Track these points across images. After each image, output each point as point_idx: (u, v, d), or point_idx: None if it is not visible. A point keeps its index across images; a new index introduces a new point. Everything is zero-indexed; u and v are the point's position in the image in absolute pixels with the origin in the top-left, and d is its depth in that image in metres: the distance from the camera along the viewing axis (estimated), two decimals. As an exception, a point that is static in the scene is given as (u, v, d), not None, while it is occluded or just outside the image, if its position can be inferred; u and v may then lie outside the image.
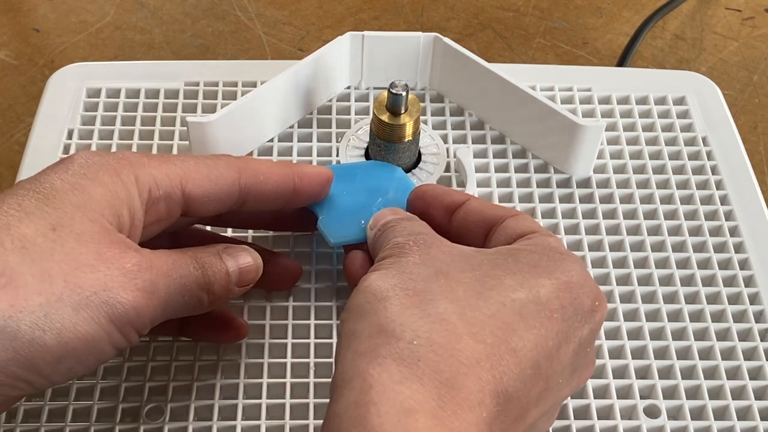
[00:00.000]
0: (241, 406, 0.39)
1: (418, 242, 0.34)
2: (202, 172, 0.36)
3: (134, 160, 0.35)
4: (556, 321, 0.31)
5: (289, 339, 0.42)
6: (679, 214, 0.47)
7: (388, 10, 0.76)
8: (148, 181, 0.35)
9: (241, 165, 0.37)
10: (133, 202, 0.34)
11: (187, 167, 0.36)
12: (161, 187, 0.35)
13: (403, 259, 0.33)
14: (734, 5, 0.78)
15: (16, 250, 0.30)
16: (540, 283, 0.32)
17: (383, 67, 0.51)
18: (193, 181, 0.36)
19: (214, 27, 0.74)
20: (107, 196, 0.33)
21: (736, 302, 0.44)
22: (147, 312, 0.33)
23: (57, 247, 0.31)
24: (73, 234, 0.31)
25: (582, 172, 0.48)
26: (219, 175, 0.37)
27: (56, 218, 0.32)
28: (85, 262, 0.31)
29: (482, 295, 0.31)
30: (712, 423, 0.39)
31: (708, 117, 0.52)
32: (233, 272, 0.37)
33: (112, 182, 0.34)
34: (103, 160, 0.34)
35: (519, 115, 0.49)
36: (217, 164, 0.37)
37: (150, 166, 0.35)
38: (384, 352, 0.29)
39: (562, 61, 0.72)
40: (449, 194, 0.39)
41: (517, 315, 0.31)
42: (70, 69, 0.53)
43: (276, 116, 0.49)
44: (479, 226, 0.37)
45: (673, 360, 0.42)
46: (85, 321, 0.31)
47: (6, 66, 0.70)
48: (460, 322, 0.30)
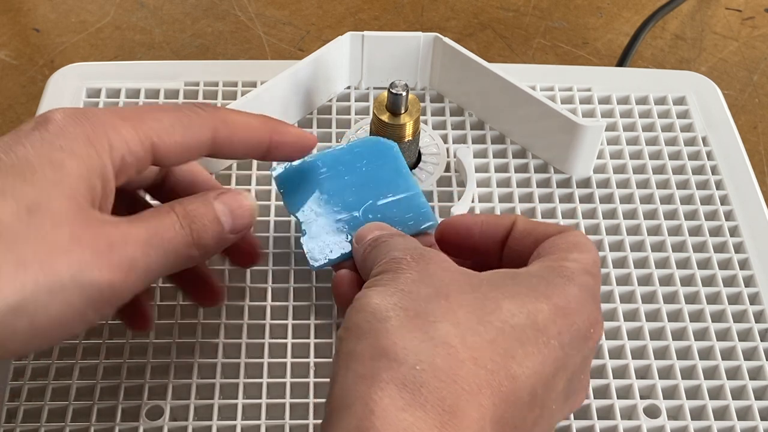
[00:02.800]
0: (240, 406, 0.39)
1: (415, 257, 0.33)
2: (176, 133, 0.35)
3: (108, 126, 0.33)
4: (553, 348, 0.31)
5: (289, 339, 0.42)
6: (679, 214, 0.47)
7: (388, 10, 0.76)
8: (121, 147, 0.33)
9: (218, 123, 0.36)
10: (106, 171, 0.33)
11: (161, 128, 0.34)
12: (133, 152, 0.34)
13: (401, 276, 0.32)
14: (734, 5, 0.78)
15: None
16: (538, 308, 0.31)
17: (383, 67, 0.51)
18: (166, 144, 0.35)
19: (214, 27, 0.74)
20: (82, 170, 0.32)
21: (736, 302, 0.44)
22: (125, 287, 0.32)
23: (32, 231, 0.30)
24: (48, 215, 0.31)
25: (582, 172, 0.48)
26: (192, 135, 0.35)
27: (32, 198, 0.31)
28: (60, 245, 0.31)
29: (482, 320, 0.30)
30: (712, 423, 0.39)
31: (708, 117, 0.52)
32: (225, 220, 0.36)
33: (87, 154, 0.32)
34: (78, 129, 0.33)
35: (519, 115, 0.49)
36: (192, 123, 0.35)
37: (124, 130, 0.34)
38: (386, 376, 0.28)
39: (562, 61, 0.72)
40: (498, 224, 0.37)
41: (517, 341, 0.30)
42: (70, 69, 0.53)
43: (276, 116, 0.49)
44: (533, 248, 0.36)
45: (673, 360, 0.42)
46: (59, 304, 0.31)
47: (6, 66, 0.70)
48: (462, 346, 0.30)
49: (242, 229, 0.37)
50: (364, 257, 0.36)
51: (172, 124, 0.35)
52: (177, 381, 0.40)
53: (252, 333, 0.42)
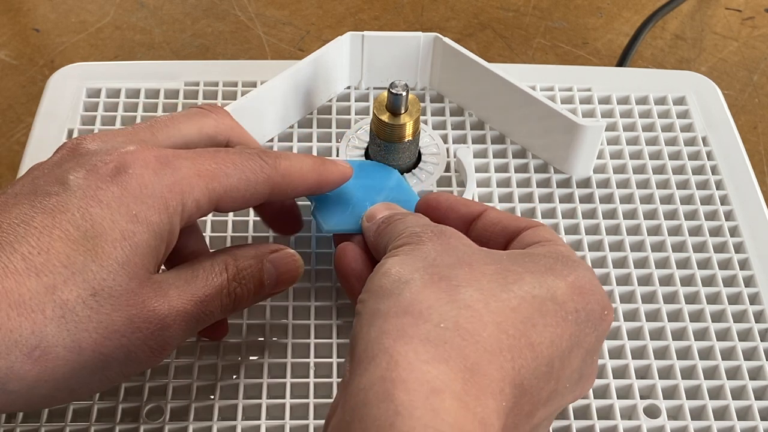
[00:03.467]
0: (241, 406, 0.39)
1: (436, 232, 0.34)
2: (240, 190, 0.35)
3: (185, 185, 0.34)
4: (570, 323, 0.31)
5: (289, 339, 0.42)
6: (679, 214, 0.47)
7: (388, 10, 0.76)
8: (192, 208, 0.34)
9: (277, 178, 0.36)
10: (174, 233, 0.34)
11: (228, 185, 0.35)
12: (200, 210, 0.35)
13: (423, 247, 0.33)
14: (734, 5, 0.78)
15: (56, 319, 0.30)
16: (556, 284, 0.32)
17: (383, 67, 0.51)
18: (229, 199, 0.35)
19: (214, 27, 0.74)
20: (151, 241, 0.33)
21: (736, 302, 0.44)
22: (160, 361, 0.34)
23: (93, 315, 0.31)
24: (110, 300, 0.32)
25: (582, 172, 0.48)
26: (254, 192, 0.36)
27: (99, 280, 0.31)
28: (115, 330, 0.32)
29: (506, 288, 0.31)
30: (712, 423, 0.39)
31: (708, 117, 0.52)
32: (268, 285, 0.37)
33: (159, 222, 0.33)
34: (156, 189, 0.33)
35: (519, 115, 0.49)
36: (256, 180, 0.36)
37: (197, 190, 0.34)
38: (411, 332, 0.29)
39: (562, 61, 0.72)
40: (466, 204, 0.38)
41: (537, 311, 0.31)
42: (70, 69, 0.53)
43: (276, 116, 0.49)
44: (500, 237, 0.37)
45: (673, 360, 0.42)
46: (98, 381, 0.33)
47: (6, 66, 0.70)
48: (486, 310, 0.30)
49: (279, 291, 0.38)
50: (378, 233, 0.37)
51: (238, 179, 0.35)
52: (177, 381, 0.40)
53: (252, 333, 0.42)
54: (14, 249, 0.30)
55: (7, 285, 0.30)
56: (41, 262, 0.30)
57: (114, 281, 0.32)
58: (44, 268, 0.30)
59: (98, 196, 0.32)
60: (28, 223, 0.31)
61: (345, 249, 0.38)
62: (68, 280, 0.31)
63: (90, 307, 0.31)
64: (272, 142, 0.49)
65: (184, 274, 0.35)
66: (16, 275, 0.30)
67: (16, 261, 0.30)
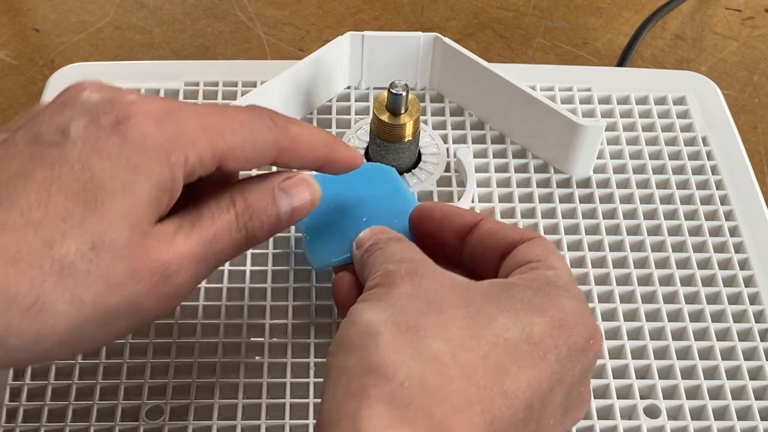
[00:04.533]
0: (240, 406, 0.39)
1: (409, 271, 0.32)
2: (246, 149, 0.34)
3: (188, 137, 0.32)
4: (549, 362, 0.30)
5: (289, 339, 0.42)
6: (679, 214, 0.47)
7: (388, 10, 0.76)
8: (195, 162, 0.33)
9: (286, 141, 0.35)
10: (176, 185, 0.33)
11: (234, 143, 0.34)
12: (204, 165, 0.33)
13: (395, 290, 0.32)
14: (734, 5, 0.78)
15: (54, 274, 0.30)
16: (533, 321, 0.31)
17: (383, 67, 0.51)
18: (234, 158, 0.34)
19: (214, 27, 0.74)
20: (152, 191, 0.32)
21: (736, 302, 0.44)
22: (169, 310, 0.33)
23: (92, 269, 0.30)
24: (110, 252, 0.31)
25: (582, 172, 0.48)
26: (260, 152, 0.35)
27: (98, 233, 0.30)
28: (117, 282, 0.31)
29: (475, 335, 0.30)
30: (712, 423, 0.39)
31: (708, 117, 0.52)
32: (284, 216, 0.36)
33: (160, 173, 0.32)
34: (158, 140, 0.32)
35: (519, 115, 0.49)
36: (264, 140, 0.34)
37: (201, 144, 0.33)
38: (374, 393, 0.28)
39: (562, 61, 0.72)
40: (461, 216, 0.37)
41: (510, 356, 0.30)
42: (70, 69, 0.53)
43: (276, 116, 0.49)
44: (495, 250, 0.35)
45: (673, 360, 0.42)
46: (104, 333, 0.32)
47: (6, 66, 0.70)
48: (453, 362, 0.29)
49: (296, 221, 0.36)
50: (362, 263, 0.36)
51: (244, 138, 0.34)
52: (177, 381, 0.40)
53: (252, 333, 0.42)
54: (12, 203, 0.30)
55: (4, 240, 0.29)
56: (39, 217, 0.30)
57: (114, 233, 0.31)
58: (42, 223, 0.30)
59: (98, 147, 0.31)
60: (27, 176, 0.30)
61: (341, 279, 0.37)
62: (66, 234, 0.30)
63: (89, 260, 0.30)
64: (272, 142, 0.49)
65: (188, 215, 0.33)
66: (13, 230, 0.29)
67: (14, 216, 0.30)
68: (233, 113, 0.34)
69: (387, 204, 0.41)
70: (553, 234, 0.46)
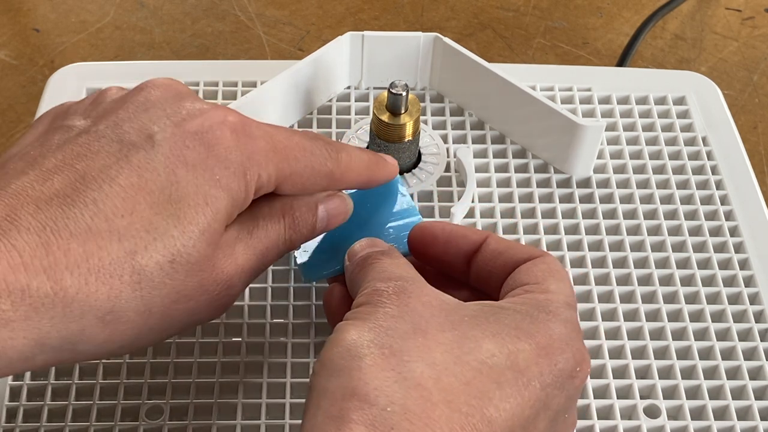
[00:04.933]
0: (240, 406, 0.39)
1: (397, 290, 0.32)
2: (304, 177, 0.35)
3: (261, 157, 0.33)
4: (534, 389, 0.30)
5: (289, 339, 0.42)
6: (679, 214, 0.47)
7: (388, 10, 0.76)
8: (263, 180, 0.34)
9: (338, 170, 0.36)
10: (247, 203, 0.34)
11: (295, 170, 0.35)
12: (268, 186, 0.34)
13: (381, 310, 0.31)
14: (734, 5, 0.78)
15: (132, 284, 0.30)
16: (519, 347, 0.30)
17: (383, 67, 0.51)
18: (290, 184, 0.35)
19: (214, 27, 0.74)
20: (229, 207, 0.33)
21: (736, 302, 0.44)
22: (216, 317, 0.35)
23: (167, 281, 0.31)
24: (187, 265, 0.31)
25: (582, 172, 0.48)
26: (314, 181, 0.36)
27: (179, 246, 0.31)
28: (186, 294, 0.32)
29: (459, 360, 0.30)
30: (712, 423, 0.39)
31: (708, 117, 0.52)
32: (319, 227, 0.37)
33: (237, 190, 0.33)
34: (239, 156, 0.33)
35: (519, 115, 0.49)
36: (320, 169, 0.36)
37: (271, 166, 0.34)
38: (356, 417, 0.28)
39: (562, 61, 0.72)
40: (465, 236, 0.36)
41: (494, 383, 0.29)
42: (70, 69, 0.53)
43: (276, 116, 0.49)
44: (501, 272, 0.35)
45: (673, 360, 0.42)
46: (158, 338, 0.33)
47: (6, 66, 0.70)
48: (436, 388, 0.29)
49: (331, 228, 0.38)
50: (352, 278, 0.35)
51: (305, 166, 0.35)
52: (176, 381, 0.40)
53: (252, 333, 0.42)
54: (98, 208, 0.30)
55: (89, 248, 0.29)
56: (124, 226, 0.30)
57: (193, 248, 0.31)
58: (127, 232, 0.30)
59: (184, 156, 0.32)
60: (114, 179, 0.31)
61: (332, 292, 0.37)
62: (149, 246, 0.30)
63: (166, 273, 0.31)
64: (272, 142, 0.49)
65: (245, 224, 0.34)
66: (98, 238, 0.30)
67: (100, 222, 0.30)
68: (297, 139, 0.35)
69: (382, 212, 0.41)
70: (553, 234, 0.46)
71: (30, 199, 0.30)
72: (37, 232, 0.29)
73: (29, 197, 0.30)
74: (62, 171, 0.31)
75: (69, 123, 0.33)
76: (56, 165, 0.31)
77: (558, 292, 0.33)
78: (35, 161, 0.31)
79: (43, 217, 0.29)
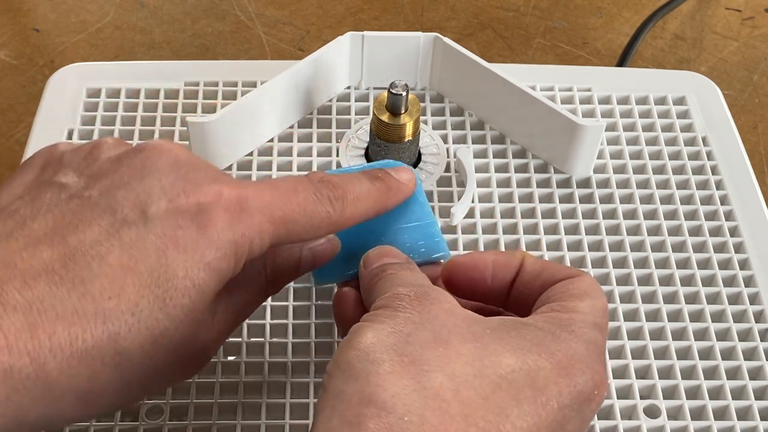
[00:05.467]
0: (240, 406, 0.39)
1: (419, 296, 0.32)
2: (302, 235, 0.35)
3: (256, 231, 0.33)
4: (551, 409, 0.30)
5: (289, 339, 0.42)
6: (679, 214, 0.47)
7: (388, 10, 0.76)
8: (256, 250, 0.33)
9: (340, 224, 0.35)
10: (235, 273, 0.33)
11: (294, 230, 0.34)
12: (262, 250, 0.34)
13: (401, 315, 0.31)
14: (734, 5, 0.78)
15: (112, 366, 0.30)
16: (540, 365, 0.30)
17: (383, 67, 0.51)
18: (288, 241, 0.35)
19: (214, 27, 0.74)
20: (217, 286, 0.32)
21: (736, 302, 0.44)
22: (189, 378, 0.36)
23: (147, 362, 0.31)
24: (169, 346, 0.31)
25: (582, 172, 0.48)
26: (312, 236, 0.35)
27: (162, 329, 0.31)
28: (165, 368, 0.32)
29: (480, 373, 0.29)
30: (712, 423, 0.39)
31: (708, 117, 0.52)
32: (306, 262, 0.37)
33: (227, 268, 0.32)
34: (230, 236, 0.32)
35: (519, 115, 0.49)
36: (320, 226, 0.35)
37: (267, 236, 0.33)
38: (372, 424, 0.27)
39: (562, 61, 0.72)
40: (509, 265, 0.35)
41: (513, 400, 0.29)
42: (70, 69, 0.53)
43: (276, 116, 0.49)
44: (540, 292, 0.34)
45: (673, 360, 0.42)
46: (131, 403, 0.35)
47: (6, 66, 0.70)
48: (455, 401, 0.28)
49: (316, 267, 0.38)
50: (370, 287, 0.35)
51: (304, 226, 0.34)
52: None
53: (252, 332, 0.42)
54: (86, 289, 0.30)
55: (74, 332, 0.29)
56: (110, 308, 0.30)
57: (176, 330, 0.31)
58: (112, 315, 0.30)
59: (176, 237, 0.31)
60: (104, 258, 0.30)
61: (345, 296, 0.36)
62: (132, 329, 0.30)
63: (147, 353, 0.31)
64: (272, 142, 0.49)
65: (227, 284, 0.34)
66: (84, 321, 0.29)
67: (87, 303, 0.30)
68: (300, 201, 0.34)
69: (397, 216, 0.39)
70: (553, 234, 0.46)
71: (18, 272, 0.29)
72: (23, 311, 0.29)
73: (17, 270, 0.29)
74: (52, 241, 0.30)
75: (62, 180, 0.33)
76: (46, 232, 0.31)
77: (584, 312, 0.32)
78: (24, 223, 0.31)
79: (30, 295, 0.29)
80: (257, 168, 0.48)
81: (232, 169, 0.48)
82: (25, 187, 0.33)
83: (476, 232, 0.46)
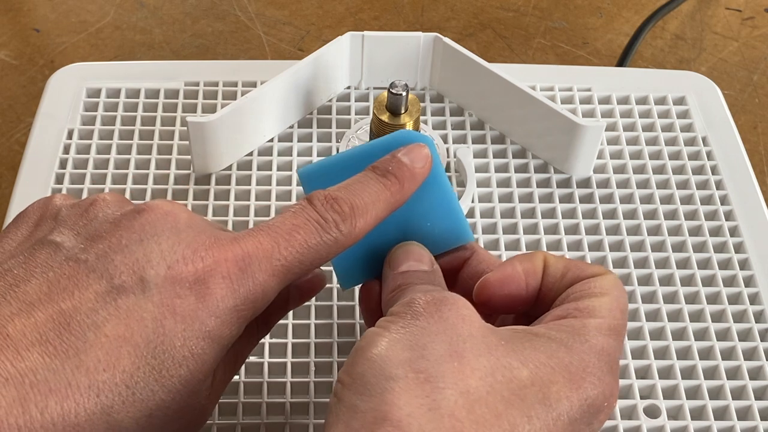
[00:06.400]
0: (240, 406, 0.39)
1: (435, 301, 0.31)
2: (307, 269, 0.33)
3: (260, 292, 0.32)
4: (561, 425, 0.30)
5: (289, 339, 0.42)
6: (679, 214, 0.47)
7: (388, 10, 0.76)
8: (262, 305, 0.32)
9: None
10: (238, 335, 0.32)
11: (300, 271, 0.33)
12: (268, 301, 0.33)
13: (416, 324, 0.31)
14: (734, 5, 0.78)
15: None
16: (552, 379, 0.30)
17: (383, 67, 0.51)
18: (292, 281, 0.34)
19: (214, 27, 0.74)
20: (218, 354, 0.31)
21: (736, 302, 0.44)
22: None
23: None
24: (165, 417, 0.30)
25: (582, 172, 0.48)
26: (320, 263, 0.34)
27: (158, 401, 0.30)
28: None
29: (493, 389, 0.29)
30: (712, 423, 0.39)
31: (708, 117, 0.52)
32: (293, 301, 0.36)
33: (229, 335, 0.31)
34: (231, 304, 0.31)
35: (519, 115, 0.49)
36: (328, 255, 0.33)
37: (270, 290, 0.32)
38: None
39: (562, 61, 0.72)
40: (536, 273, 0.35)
41: (525, 417, 0.29)
42: (70, 69, 0.53)
43: (276, 116, 0.49)
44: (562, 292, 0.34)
45: (673, 360, 0.42)
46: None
47: (6, 66, 0.70)
48: (468, 420, 0.28)
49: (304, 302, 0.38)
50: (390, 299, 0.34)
51: (312, 261, 0.33)
52: (177, 381, 0.40)
53: (252, 333, 0.42)
54: (80, 360, 0.29)
55: (67, 406, 0.28)
56: (104, 381, 0.29)
57: (173, 401, 0.30)
58: (105, 387, 0.29)
59: (174, 306, 0.30)
60: (99, 328, 0.29)
61: (371, 290, 0.36)
62: (126, 402, 0.29)
63: (142, 426, 0.30)
64: (272, 142, 0.49)
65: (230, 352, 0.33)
66: (77, 395, 0.29)
67: (80, 376, 0.29)
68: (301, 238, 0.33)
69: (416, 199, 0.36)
70: (553, 234, 0.46)
71: (11, 341, 0.28)
72: (15, 384, 0.28)
73: (10, 339, 0.28)
74: (46, 306, 0.29)
75: (57, 239, 0.31)
76: (40, 297, 0.29)
77: (601, 316, 0.32)
78: (17, 285, 0.30)
79: (23, 366, 0.28)
80: (257, 168, 0.48)
81: (232, 169, 0.48)
82: (18, 244, 0.32)
83: (476, 232, 0.46)
